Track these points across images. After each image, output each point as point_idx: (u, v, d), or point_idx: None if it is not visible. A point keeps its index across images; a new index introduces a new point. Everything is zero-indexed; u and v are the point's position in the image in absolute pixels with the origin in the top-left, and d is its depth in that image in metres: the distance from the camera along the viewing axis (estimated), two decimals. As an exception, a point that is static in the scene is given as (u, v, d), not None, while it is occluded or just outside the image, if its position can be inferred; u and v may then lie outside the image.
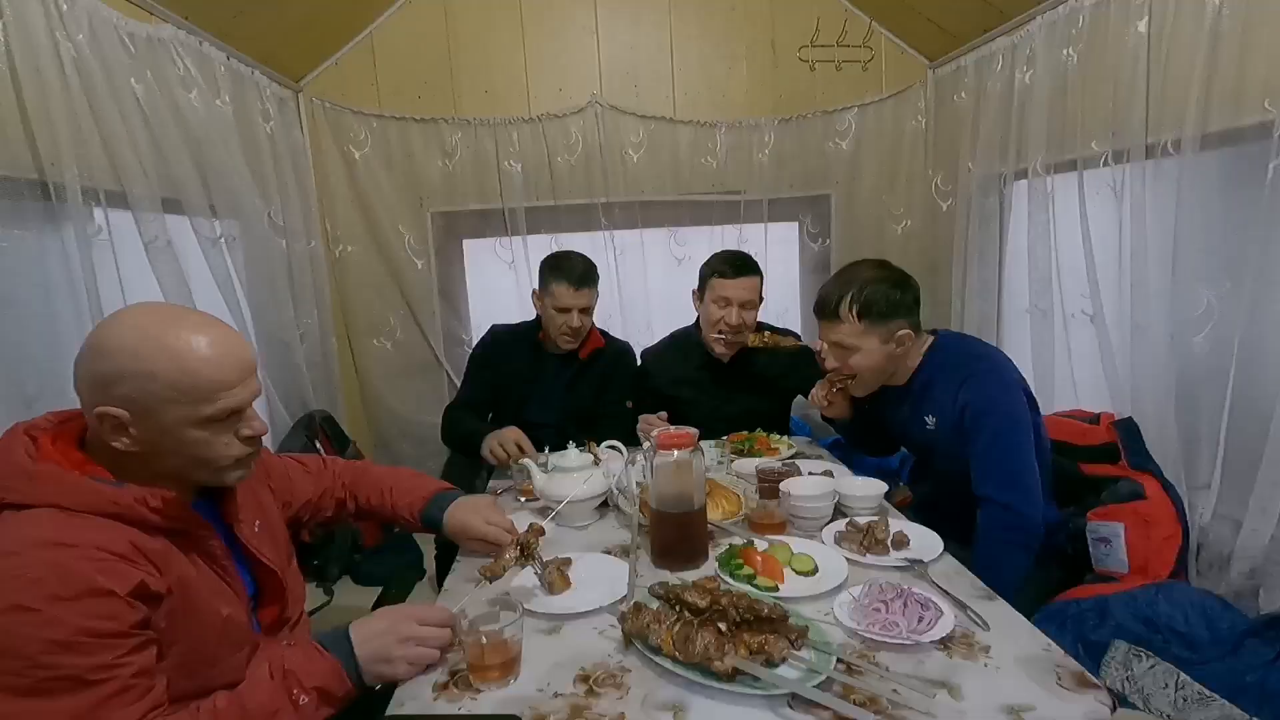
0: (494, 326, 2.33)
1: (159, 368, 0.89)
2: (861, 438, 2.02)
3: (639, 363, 2.35)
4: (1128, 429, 1.76)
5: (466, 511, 1.38)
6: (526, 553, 1.19)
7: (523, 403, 2.21)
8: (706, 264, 2.17)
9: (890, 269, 1.66)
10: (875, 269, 1.64)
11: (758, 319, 2.19)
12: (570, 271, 2.07)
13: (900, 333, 1.61)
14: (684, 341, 2.30)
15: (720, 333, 2.12)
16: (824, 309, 1.65)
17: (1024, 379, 1.65)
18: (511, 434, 1.87)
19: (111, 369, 0.88)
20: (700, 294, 2.18)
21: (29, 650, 0.77)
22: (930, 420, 1.65)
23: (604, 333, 2.30)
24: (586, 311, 2.13)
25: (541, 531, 1.24)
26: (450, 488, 1.45)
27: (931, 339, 1.69)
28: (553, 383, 2.20)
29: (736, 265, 2.10)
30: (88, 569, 0.81)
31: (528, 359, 2.22)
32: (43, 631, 0.77)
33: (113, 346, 0.89)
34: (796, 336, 2.26)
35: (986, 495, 1.53)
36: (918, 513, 1.72)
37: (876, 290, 1.59)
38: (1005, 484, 1.52)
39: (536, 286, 2.16)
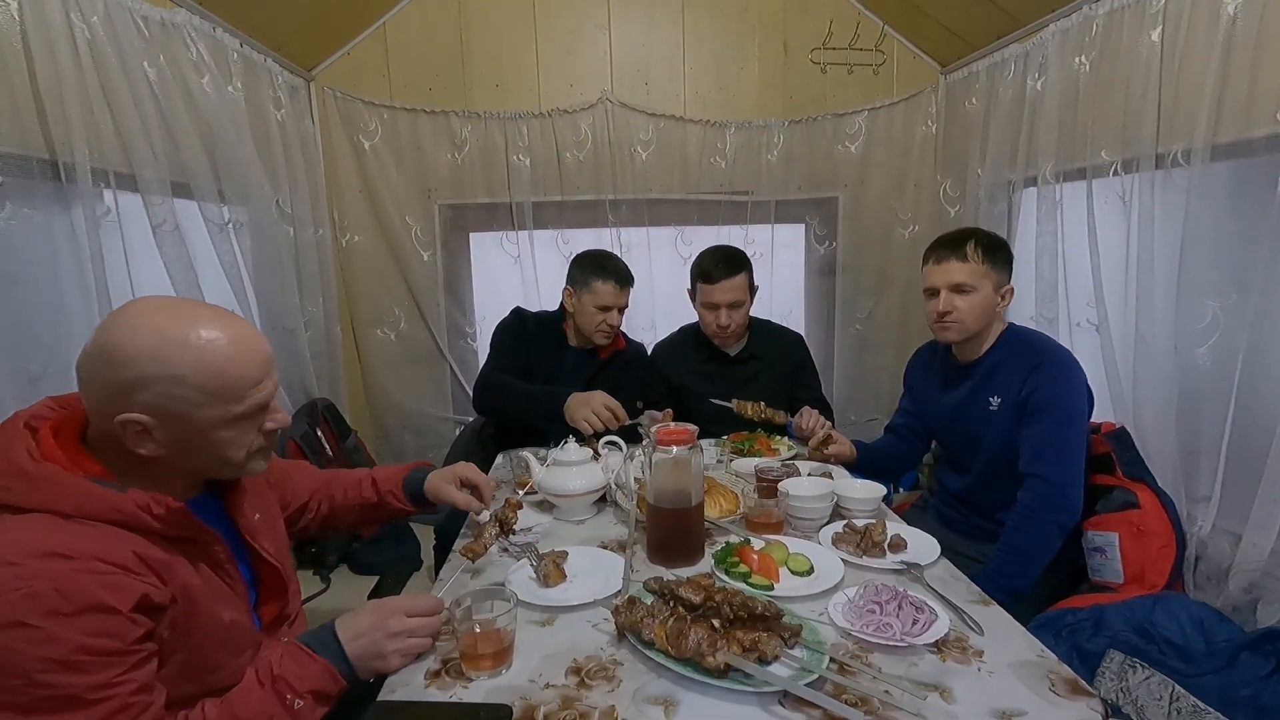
0: (519, 309, 2.29)
1: (185, 371, 0.85)
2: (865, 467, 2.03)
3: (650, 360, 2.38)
4: (1119, 439, 1.76)
5: (442, 478, 1.40)
6: (505, 528, 1.19)
7: None
8: (695, 263, 2.21)
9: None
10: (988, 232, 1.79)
11: (757, 315, 2.28)
12: (616, 271, 2.11)
13: (1005, 288, 1.72)
14: (692, 336, 2.34)
15: (714, 334, 2.20)
16: (950, 246, 1.72)
17: (1089, 386, 1.70)
18: (601, 399, 1.83)
19: (132, 376, 0.83)
20: (692, 294, 2.24)
21: (27, 668, 0.74)
22: (995, 401, 1.71)
23: (623, 334, 2.31)
24: (623, 310, 2.17)
25: (518, 505, 1.24)
26: (428, 465, 1.46)
27: (1005, 326, 1.77)
28: (571, 377, 2.18)
29: (720, 268, 2.12)
30: (89, 583, 0.77)
31: (552, 349, 2.22)
32: (41, 649, 0.74)
33: (130, 352, 0.83)
34: (806, 346, 2.39)
35: (1036, 473, 1.59)
36: (943, 504, 1.83)
37: (998, 240, 1.74)
38: (1057, 464, 1.59)
39: (569, 284, 2.15)
